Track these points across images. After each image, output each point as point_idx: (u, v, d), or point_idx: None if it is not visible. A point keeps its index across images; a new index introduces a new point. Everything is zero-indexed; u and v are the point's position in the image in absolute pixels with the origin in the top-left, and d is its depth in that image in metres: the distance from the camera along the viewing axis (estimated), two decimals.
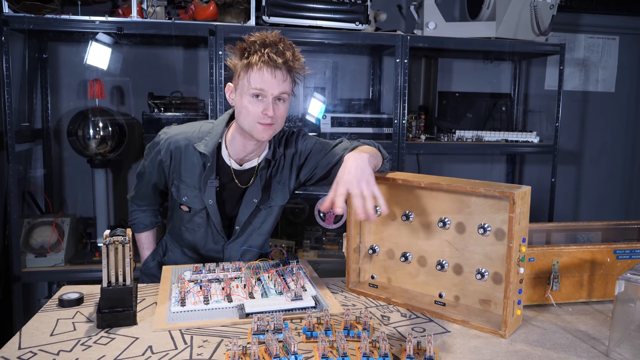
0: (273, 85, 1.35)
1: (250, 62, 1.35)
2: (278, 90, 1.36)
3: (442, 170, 3.37)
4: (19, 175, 2.36)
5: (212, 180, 1.50)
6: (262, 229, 1.60)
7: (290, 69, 1.38)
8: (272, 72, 1.35)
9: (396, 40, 2.57)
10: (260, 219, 1.58)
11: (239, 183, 1.53)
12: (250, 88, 1.36)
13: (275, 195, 1.57)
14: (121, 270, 1.13)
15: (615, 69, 3.56)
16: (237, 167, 1.52)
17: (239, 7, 2.48)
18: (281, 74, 1.36)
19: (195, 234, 1.59)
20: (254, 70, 1.35)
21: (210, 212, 1.53)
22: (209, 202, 1.51)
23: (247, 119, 1.39)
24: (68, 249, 2.45)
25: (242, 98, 1.40)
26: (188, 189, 1.52)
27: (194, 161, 1.50)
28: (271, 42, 1.35)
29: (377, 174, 1.30)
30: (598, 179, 3.65)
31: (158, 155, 1.53)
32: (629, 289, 1.01)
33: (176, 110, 2.57)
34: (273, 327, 1.04)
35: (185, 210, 1.56)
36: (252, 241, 1.60)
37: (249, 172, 1.53)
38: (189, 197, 1.53)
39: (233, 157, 1.51)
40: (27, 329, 1.10)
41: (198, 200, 1.52)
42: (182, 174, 1.52)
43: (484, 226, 1.15)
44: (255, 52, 1.35)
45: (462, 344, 1.06)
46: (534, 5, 2.66)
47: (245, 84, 1.37)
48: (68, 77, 2.77)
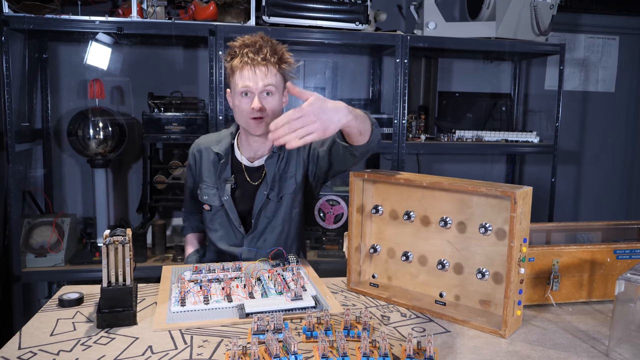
0: (256, 81, 1.49)
1: (235, 65, 1.51)
2: (261, 84, 1.50)
3: (442, 170, 3.36)
4: (19, 175, 2.37)
5: (227, 178, 1.64)
6: (275, 220, 1.64)
7: (271, 64, 1.50)
8: (253, 69, 1.49)
9: (396, 40, 2.57)
10: (270, 211, 1.63)
11: (251, 180, 1.64)
12: (238, 88, 1.52)
13: (283, 186, 1.63)
14: (121, 270, 1.13)
15: (615, 69, 3.56)
16: (249, 164, 1.65)
17: (239, 7, 2.48)
18: (262, 70, 1.49)
19: (217, 233, 1.69)
20: (238, 71, 1.51)
21: (227, 208, 1.64)
22: (224, 198, 1.63)
23: (241, 116, 1.56)
24: (68, 249, 2.45)
25: (234, 99, 1.56)
26: (208, 188, 1.68)
27: (212, 162, 1.68)
28: (250, 42, 1.50)
29: (378, 173, 1.30)
30: (598, 179, 3.65)
31: (188, 161, 1.76)
32: (629, 289, 1.01)
33: (176, 110, 2.57)
34: (273, 327, 1.04)
35: (207, 210, 1.69)
36: (267, 234, 1.65)
37: (260, 169, 1.64)
38: (209, 196, 1.67)
39: (245, 155, 1.66)
40: (27, 329, 1.10)
41: (216, 198, 1.66)
42: (203, 174, 1.70)
43: (485, 226, 1.15)
44: (237, 55, 1.51)
45: (462, 344, 1.06)
46: (534, 5, 2.66)
47: (234, 85, 1.53)
48: (68, 77, 2.77)
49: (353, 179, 1.32)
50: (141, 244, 2.51)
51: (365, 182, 1.35)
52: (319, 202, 2.60)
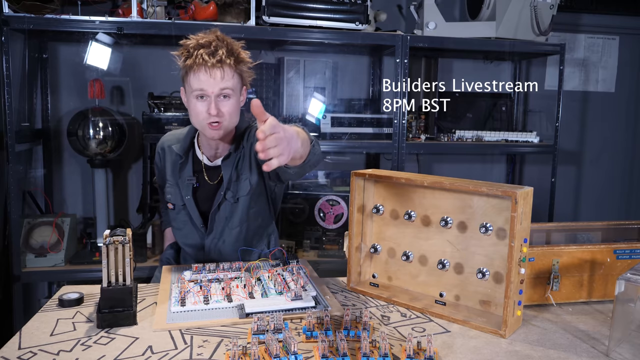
0: (211, 84, 1.42)
1: (188, 65, 1.42)
2: (218, 87, 1.43)
3: (442, 170, 3.36)
4: (19, 175, 2.36)
5: (189, 177, 1.61)
6: (233, 221, 1.61)
7: (227, 65, 1.42)
8: (208, 72, 1.41)
9: (396, 40, 2.57)
10: (226, 211, 1.60)
11: (209, 180, 1.61)
12: (192, 90, 1.45)
13: (238, 187, 1.59)
14: (121, 270, 1.13)
15: (615, 69, 3.56)
16: (209, 163, 1.62)
17: (239, 7, 2.48)
18: (219, 72, 1.42)
19: (181, 231, 1.67)
20: (192, 73, 1.43)
21: (189, 207, 1.61)
22: (186, 198, 1.60)
23: (197, 120, 1.49)
24: (68, 249, 2.44)
25: (189, 101, 1.49)
26: (171, 187, 1.65)
27: (174, 161, 1.64)
28: (205, 42, 1.41)
29: (379, 172, 1.30)
30: (598, 179, 3.65)
31: (155, 159, 1.74)
32: (629, 289, 1.01)
33: (176, 110, 2.57)
34: (273, 327, 1.04)
35: (171, 208, 1.66)
36: (226, 235, 1.62)
37: (218, 169, 1.61)
38: (172, 195, 1.65)
39: (206, 154, 1.62)
40: (27, 329, 1.10)
41: (179, 197, 1.63)
42: (167, 173, 1.66)
43: (485, 226, 1.15)
44: (191, 56, 1.41)
45: (462, 344, 1.06)
46: (534, 5, 2.66)
47: (189, 86, 1.46)
48: (68, 77, 2.77)
49: (354, 179, 1.32)
50: (141, 244, 2.51)
51: (366, 181, 1.35)
52: (319, 202, 2.60)
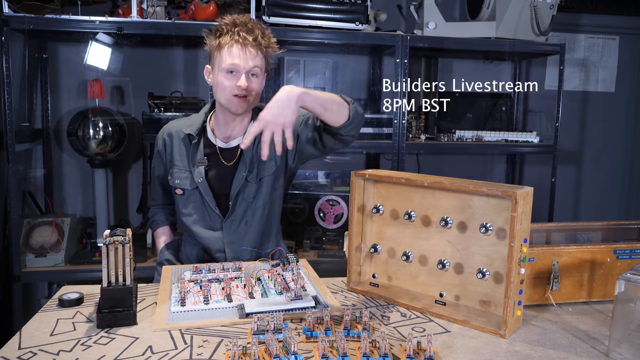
0: (245, 60, 1.49)
1: (223, 42, 1.50)
2: (250, 64, 1.49)
3: (442, 170, 3.36)
4: (19, 175, 2.36)
5: (200, 159, 1.60)
6: (256, 203, 1.61)
7: (260, 46, 1.51)
8: (243, 49, 1.49)
9: (396, 40, 2.57)
10: (251, 191, 1.60)
11: (225, 161, 1.61)
12: (224, 65, 1.49)
13: (262, 167, 1.60)
14: (121, 270, 1.13)
15: (615, 69, 3.56)
16: (223, 145, 1.62)
17: (239, 7, 2.48)
18: (252, 51, 1.50)
19: (191, 217, 1.64)
20: (226, 48, 1.49)
21: (202, 190, 1.60)
22: (198, 180, 1.60)
23: (223, 93, 1.52)
24: (68, 249, 2.44)
25: (217, 75, 1.53)
26: (180, 172, 1.63)
27: (184, 144, 1.64)
28: (241, 22, 1.52)
29: (379, 172, 1.30)
30: (598, 179, 3.65)
31: (156, 147, 1.71)
32: (629, 289, 1.01)
33: (176, 110, 2.57)
34: (273, 327, 1.04)
35: (180, 194, 1.64)
36: (248, 217, 1.61)
37: (235, 149, 1.61)
38: (181, 180, 1.63)
39: (219, 136, 1.63)
40: (27, 329, 1.10)
41: (189, 181, 1.62)
42: (174, 158, 1.65)
43: (485, 226, 1.15)
44: (227, 32, 1.50)
45: (462, 344, 1.06)
46: (534, 5, 2.66)
47: (220, 62, 1.51)
48: (68, 77, 2.77)
49: (354, 179, 1.32)
50: (141, 244, 2.51)
51: (366, 181, 1.35)
52: (319, 202, 2.60)
